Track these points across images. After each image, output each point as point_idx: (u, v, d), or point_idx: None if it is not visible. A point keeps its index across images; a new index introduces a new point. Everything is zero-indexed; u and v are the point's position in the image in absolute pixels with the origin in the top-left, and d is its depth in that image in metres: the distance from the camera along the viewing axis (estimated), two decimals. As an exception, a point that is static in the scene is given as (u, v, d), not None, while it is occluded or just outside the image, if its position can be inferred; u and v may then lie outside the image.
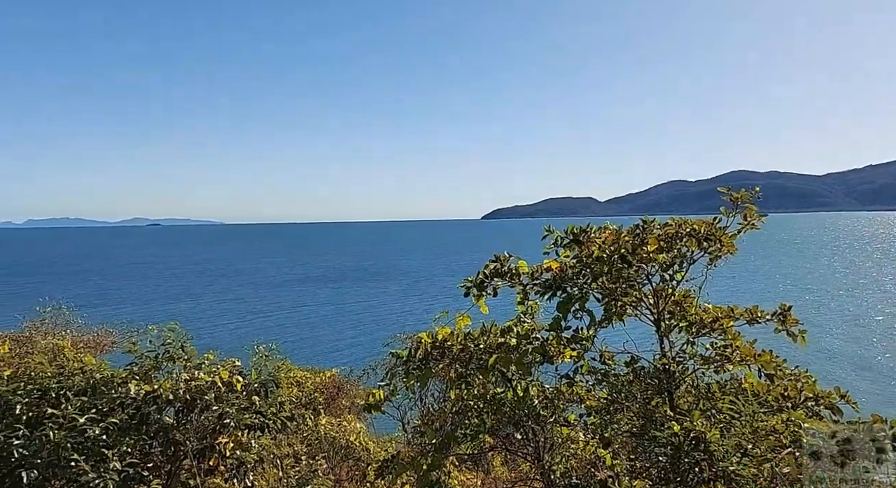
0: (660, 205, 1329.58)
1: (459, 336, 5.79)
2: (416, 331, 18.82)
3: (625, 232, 5.61)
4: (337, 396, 15.95)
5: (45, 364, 7.09)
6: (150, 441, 7.10)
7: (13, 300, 74.59)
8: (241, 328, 57.74)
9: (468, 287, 5.74)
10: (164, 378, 7.52)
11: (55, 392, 6.76)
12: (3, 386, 6.61)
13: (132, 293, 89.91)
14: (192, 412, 7.38)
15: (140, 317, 44.88)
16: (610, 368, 5.76)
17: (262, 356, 8.67)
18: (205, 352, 8.25)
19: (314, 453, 9.68)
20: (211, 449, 7.07)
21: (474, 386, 5.83)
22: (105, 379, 7.12)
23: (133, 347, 7.67)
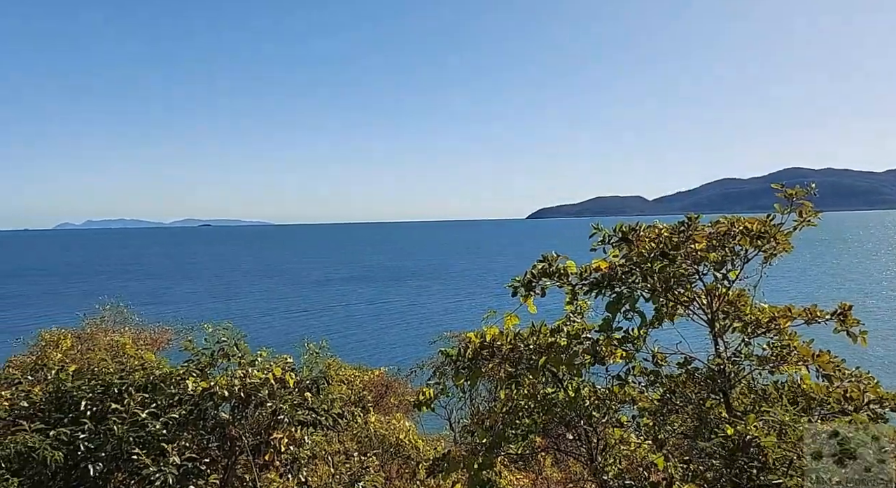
0: (710, 203, 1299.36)
1: (509, 336, 5.79)
2: (461, 331, 18.92)
3: (667, 229, 5.54)
4: (385, 394, 16.10)
5: (108, 360, 7.37)
6: (207, 436, 7.31)
7: (73, 298, 77.72)
8: (287, 326, 58.75)
9: (516, 286, 5.74)
10: (219, 375, 7.73)
11: (117, 387, 7.01)
12: (70, 382, 6.89)
13: (183, 291, 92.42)
14: (247, 408, 7.57)
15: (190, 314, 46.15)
16: (662, 369, 5.69)
17: (312, 353, 8.84)
18: (256, 349, 8.45)
19: (365, 450, 9.81)
20: (266, 445, 7.24)
21: (524, 386, 5.83)
22: (164, 375, 7.35)
23: (189, 345, 7.91)
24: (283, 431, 7.26)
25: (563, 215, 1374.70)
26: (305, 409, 7.65)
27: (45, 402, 6.80)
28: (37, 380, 7.13)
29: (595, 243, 5.60)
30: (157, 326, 16.12)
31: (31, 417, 6.60)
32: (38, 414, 6.71)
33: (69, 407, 6.70)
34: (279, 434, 7.24)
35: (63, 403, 6.73)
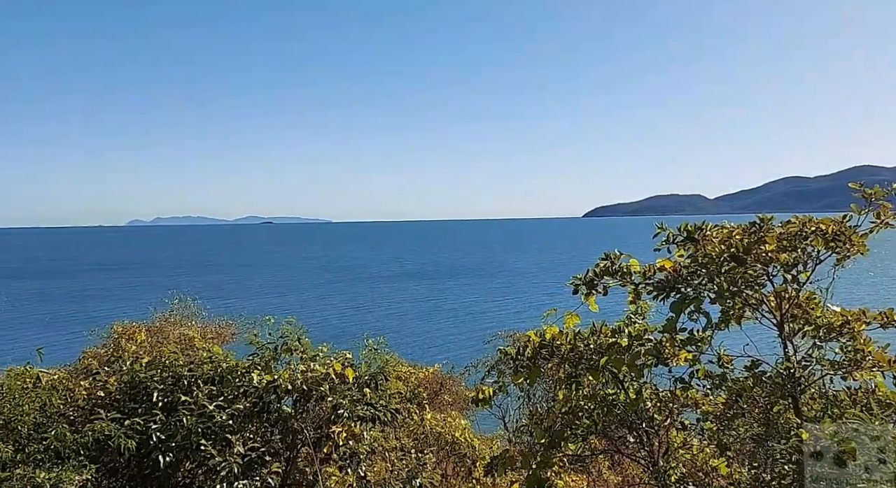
0: (774, 202, 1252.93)
1: (569, 335, 5.74)
2: (515, 330, 18.82)
3: (737, 230, 5.39)
4: (439, 392, 16.14)
5: (178, 353, 7.64)
6: (270, 428, 7.51)
7: (143, 291, 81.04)
8: (341, 321, 59.57)
9: (577, 285, 5.68)
10: (282, 368, 7.93)
11: (187, 379, 7.28)
12: (143, 373, 7.19)
13: (243, 286, 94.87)
14: (309, 402, 7.74)
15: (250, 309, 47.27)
16: (728, 372, 5.54)
17: (371, 349, 8.96)
18: (316, 344, 8.63)
19: (421, 447, 9.89)
20: (326, 438, 7.38)
21: (584, 387, 5.77)
22: (230, 368, 7.59)
23: (254, 339, 8.14)
24: (342, 426, 7.38)
25: (619, 214, 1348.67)
26: (364, 405, 7.77)
27: (121, 393, 7.12)
28: (112, 371, 7.46)
29: (659, 243, 5.49)
30: (221, 320, 16.59)
31: (108, 407, 6.92)
32: (114, 404, 7.04)
33: (142, 398, 6.99)
34: (339, 428, 7.38)
35: (137, 394, 7.03)
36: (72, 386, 6.97)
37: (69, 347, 22.22)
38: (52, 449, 5.84)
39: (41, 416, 6.14)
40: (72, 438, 5.95)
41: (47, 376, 6.77)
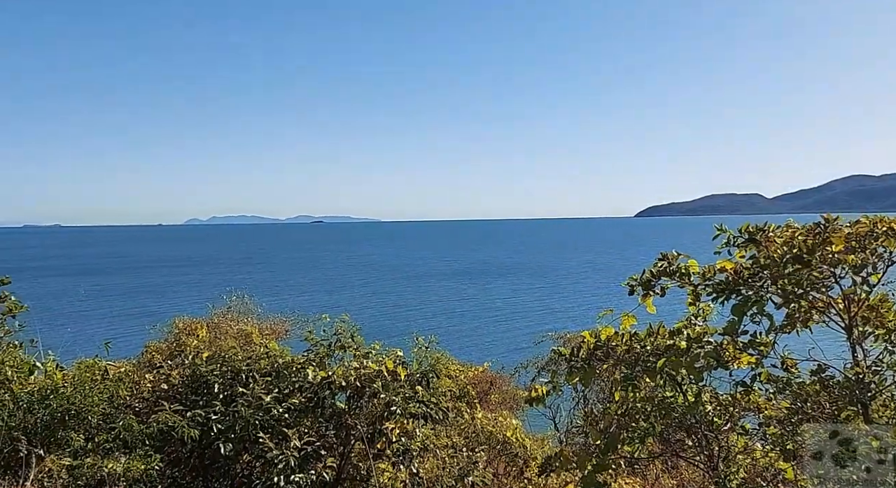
0: (837, 201, 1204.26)
1: (625, 336, 5.65)
2: (567, 330, 18.62)
3: (800, 230, 5.21)
4: (489, 391, 16.12)
5: (237, 348, 7.85)
6: (325, 423, 7.65)
7: (201, 287, 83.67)
8: (390, 319, 60.02)
9: (633, 285, 5.59)
10: (336, 365, 8.06)
11: (245, 374, 7.47)
12: (204, 367, 7.41)
13: (295, 283, 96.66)
14: (362, 398, 7.84)
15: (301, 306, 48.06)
16: (792, 376, 5.37)
17: (422, 348, 9.03)
18: (366, 342, 8.74)
19: (471, 446, 9.89)
20: (379, 434, 7.47)
21: (641, 389, 5.67)
22: (286, 363, 7.76)
23: (309, 336, 8.30)
24: (395, 422, 7.46)
25: (674, 213, 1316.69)
26: (416, 402, 7.83)
27: (183, 386, 7.35)
28: (175, 365, 7.71)
29: (719, 245, 5.36)
30: (276, 317, 16.92)
31: (171, 399, 7.15)
32: (176, 397, 7.27)
33: (203, 391, 7.20)
34: (391, 425, 7.45)
35: (198, 387, 7.25)
36: (137, 378, 7.23)
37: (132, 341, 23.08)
38: (120, 439, 6.07)
39: (109, 407, 6.39)
40: (138, 428, 6.17)
41: (114, 369, 7.04)
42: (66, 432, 5.95)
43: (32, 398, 6.01)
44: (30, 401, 6.00)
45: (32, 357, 6.83)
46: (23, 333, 7.02)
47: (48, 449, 5.86)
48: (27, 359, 6.69)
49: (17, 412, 5.94)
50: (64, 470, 5.45)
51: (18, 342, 6.88)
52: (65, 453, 5.78)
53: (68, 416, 5.95)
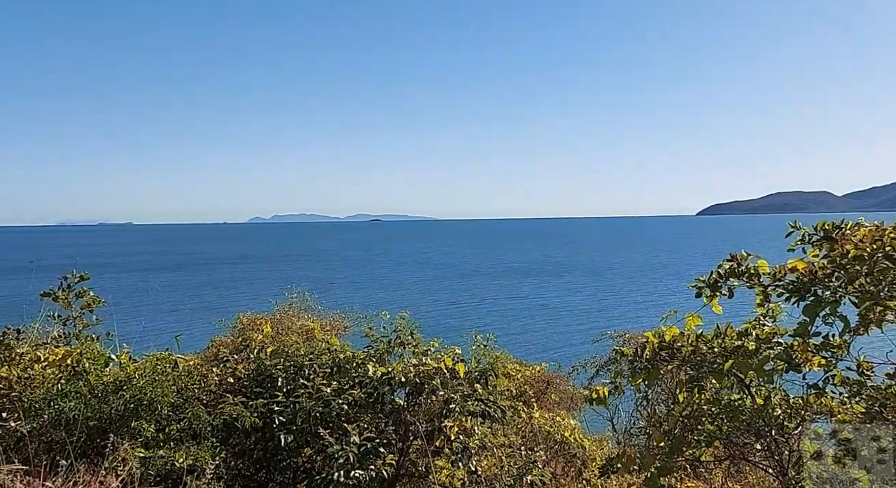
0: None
1: (690, 337, 5.52)
2: (626, 329, 18.27)
3: (890, 228, 4.97)
4: (546, 390, 15.99)
5: (300, 343, 8.02)
6: (384, 419, 7.72)
7: (263, 283, 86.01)
8: (446, 317, 60.23)
9: (700, 286, 5.45)
10: (395, 361, 8.14)
11: (307, 369, 7.61)
12: (268, 361, 7.60)
13: (351, 280, 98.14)
14: (420, 395, 7.89)
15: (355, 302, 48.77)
16: (867, 379, 5.13)
17: (481, 345, 9.03)
18: (427, 339, 8.79)
19: (529, 445, 9.84)
20: (438, 432, 7.50)
21: (707, 391, 5.53)
22: (347, 359, 7.87)
23: (369, 332, 8.41)
24: (454, 420, 7.47)
25: (737, 212, 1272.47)
26: (475, 400, 7.83)
27: (248, 379, 7.55)
28: (241, 359, 7.93)
29: (793, 243, 5.17)
30: (334, 313, 17.17)
31: (236, 392, 7.36)
32: (242, 390, 7.47)
33: (268, 384, 7.38)
34: (450, 422, 7.47)
35: (263, 380, 7.43)
36: (205, 371, 7.46)
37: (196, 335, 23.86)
38: (189, 430, 6.28)
39: (179, 399, 6.61)
40: (206, 419, 6.37)
41: (183, 362, 7.29)
42: (138, 422, 6.18)
43: (107, 389, 6.28)
44: (105, 392, 6.26)
45: (108, 349, 7.15)
46: (100, 327, 7.34)
47: (121, 438, 6.11)
48: (104, 351, 7.00)
49: (93, 401, 6.21)
50: (136, 458, 5.66)
51: (96, 335, 7.20)
52: (137, 442, 6.00)
53: (140, 407, 6.18)
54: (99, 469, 5.28)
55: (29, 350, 6.64)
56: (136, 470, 5.47)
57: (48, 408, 6.06)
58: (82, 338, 7.08)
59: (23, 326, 7.06)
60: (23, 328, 6.99)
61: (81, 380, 6.32)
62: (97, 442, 6.13)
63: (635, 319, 53.60)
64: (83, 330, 7.16)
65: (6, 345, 6.48)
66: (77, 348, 6.78)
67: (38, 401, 6.09)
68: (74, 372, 6.46)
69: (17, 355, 6.48)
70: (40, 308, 7.25)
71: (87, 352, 6.65)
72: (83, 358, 6.55)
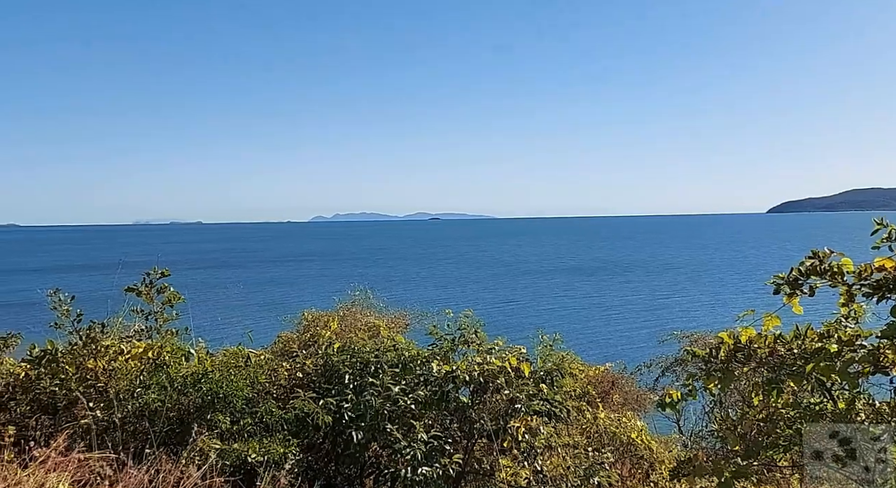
0: None
1: (768, 338, 5.33)
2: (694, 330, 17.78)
3: None
4: (610, 391, 15.74)
5: (366, 340, 8.14)
6: (449, 417, 7.76)
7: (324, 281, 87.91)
8: (505, 316, 59.90)
9: (778, 284, 5.25)
10: (459, 359, 8.17)
11: (374, 365, 7.72)
12: (336, 357, 7.75)
13: (409, 278, 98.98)
14: (485, 393, 7.89)
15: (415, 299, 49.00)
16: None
17: (547, 345, 8.98)
18: (493, 337, 8.78)
19: (595, 445, 9.71)
20: (503, 432, 7.48)
21: (786, 394, 5.33)
22: (412, 356, 7.95)
23: (433, 329, 8.47)
24: (520, 420, 7.45)
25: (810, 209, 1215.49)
26: (540, 400, 7.78)
27: (316, 374, 7.72)
28: (309, 354, 8.12)
29: (879, 240, 4.93)
30: (396, 311, 17.35)
31: (305, 387, 7.53)
32: (310, 385, 7.64)
33: (335, 380, 7.52)
34: (517, 422, 7.45)
35: (331, 376, 7.58)
36: (275, 366, 7.66)
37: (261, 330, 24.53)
38: (262, 423, 6.47)
39: (251, 393, 6.81)
40: (278, 413, 6.55)
41: (255, 356, 7.51)
42: (213, 414, 6.40)
43: (186, 382, 6.53)
44: (183, 385, 6.52)
45: (187, 343, 7.43)
46: (179, 321, 7.64)
47: (199, 429, 6.34)
48: (183, 345, 7.29)
49: (173, 394, 6.47)
50: (213, 450, 5.87)
51: (175, 329, 7.50)
52: (213, 434, 6.22)
53: (217, 400, 6.40)
54: (179, 458, 5.49)
55: (113, 343, 6.97)
56: (214, 460, 5.66)
57: (132, 399, 6.36)
58: (163, 332, 7.39)
59: (106, 320, 7.41)
60: (107, 322, 7.34)
61: (162, 373, 6.60)
62: (176, 432, 6.39)
63: (698, 319, 52.21)
64: (164, 324, 7.46)
65: (92, 338, 6.82)
66: (158, 342, 7.08)
67: (123, 392, 6.40)
68: (155, 365, 6.75)
69: (102, 348, 6.81)
70: (123, 302, 7.59)
71: (167, 345, 6.94)
72: (164, 351, 6.84)
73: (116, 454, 5.17)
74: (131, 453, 5.08)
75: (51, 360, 6.82)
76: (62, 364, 6.74)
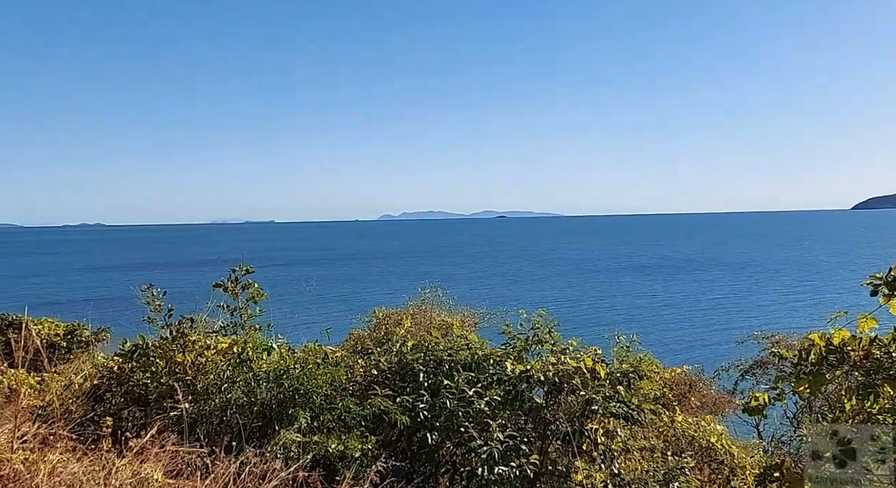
0: None
1: (863, 340, 5.06)
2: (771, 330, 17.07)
3: None
4: (687, 394, 15.32)
5: (440, 338, 8.19)
6: (524, 417, 7.72)
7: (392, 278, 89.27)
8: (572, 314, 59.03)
9: (876, 284, 4.98)
10: (533, 359, 8.11)
11: (447, 364, 7.76)
12: (410, 355, 7.82)
13: (477, 276, 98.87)
14: (560, 394, 7.82)
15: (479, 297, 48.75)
16: None
17: (623, 346, 8.82)
18: (567, 337, 8.68)
19: (672, 449, 9.47)
20: (580, 434, 7.39)
21: (883, 399, 5.05)
22: (485, 355, 7.94)
23: (507, 328, 8.44)
24: (597, 422, 7.33)
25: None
26: (617, 402, 7.64)
27: (391, 372, 7.81)
28: (383, 352, 8.23)
29: None
30: (465, 309, 17.37)
31: (380, 384, 7.64)
32: (385, 382, 7.74)
33: (410, 378, 7.60)
34: (593, 424, 7.34)
35: (405, 374, 7.66)
36: (351, 363, 7.80)
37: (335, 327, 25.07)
38: (340, 419, 6.59)
39: (330, 389, 6.96)
40: (356, 410, 6.67)
41: (332, 353, 7.67)
42: (294, 410, 6.57)
43: (269, 377, 6.73)
44: (266, 380, 6.72)
45: (270, 339, 7.67)
46: (261, 317, 7.88)
47: (280, 423, 6.52)
48: (266, 341, 7.52)
49: (256, 389, 6.68)
50: (295, 444, 6.02)
51: (258, 325, 7.74)
52: (292, 429, 6.38)
53: (297, 395, 6.57)
54: (264, 451, 5.67)
55: (199, 338, 7.26)
56: (295, 454, 5.82)
57: (218, 393, 6.60)
58: (247, 328, 7.64)
59: (193, 315, 7.71)
60: (193, 317, 7.63)
61: (246, 368, 6.82)
62: (259, 426, 6.60)
63: (776, 321, 50.09)
64: (248, 320, 7.71)
65: (182, 333, 7.12)
66: (242, 337, 7.33)
67: (210, 386, 6.65)
68: (240, 360, 6.99)
69: (190, 342, 7.10)
70: (208, 298, 7.88)
71: (251, 341, 7.17)
72: (248, 347, 7.07)
73: (204, 446, 5.38)
74: (220, 445, 5.27)
75: (142, 354, 7.17)
76: (153, 358, 7.07)
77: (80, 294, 79.73)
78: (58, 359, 12.34)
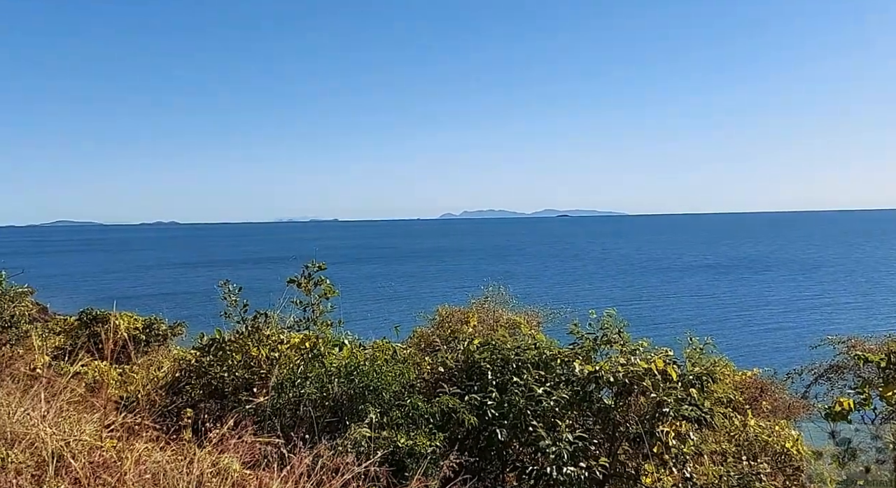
0: None
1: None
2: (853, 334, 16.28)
3: None
4: (759, 398, 14.83)
5: (507, 337, 8.16)
6: (592, 418, 7.61)
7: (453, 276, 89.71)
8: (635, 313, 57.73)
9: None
10: (602, 360, 7.98)
11: (514, 363, 7.73)
12: (477, 353, 7.83)
13: (535, 275, 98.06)
14: (629, 396, 7.66)
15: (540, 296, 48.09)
16: None
17: (696, 348, 8.59)
18: (637, 338, 8.50)
19: (745, 454, 9.19)
20: (650, 436, 7.23)
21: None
22: (553, 355, 7.87)
23: (575, 328, 8.34)
24: (669, 424, 7.17)
25: None
26: (689, 405, 7.45)
27: (458, 370, 7.84)
28: (450, 349, 8.26)
29: None
30: (528, 308, 17.24)
31: (447, 381, 7.67)
32: (452, 380, 7.78)
33: (477, 376, 7.60)
34: (665, 427, 7.17)
35: (472, 372, 7.67)
36: (419, 360, 7.87)
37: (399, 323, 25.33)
38: (409, 416, 6.66)
39: (399, 386, 7.04)
40: (424, 408, 6.72)
41: (401, 350, 7.75)
42: (364, 405, 6.68)
43: (340, 373, 6.86)
44: (338, 375, 6.85)
45: (341, 335, 7.81)
46: (332, 313, 8.03)
47: (350, 418, 6.64)
48: (336, 337, 7.66)
49: (329, 384, 6.81)
50: (365, 439, 6.12)
51: (329, 321, 7.89)
52: (362, 424, 6.49)
53: (367, 391, 6.67)
54: (336, 445, 5.78)
55: (274, 332, 7.45)
56: (366, 449, 5.91)
57: (292, 388, 6.77)
58: (319, 324, 7.80)
59: (267, 311, 7.92)
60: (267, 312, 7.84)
61: (318, 364, 6.97)
62: (330, 421, 6.73)
63: (849, 322, 47.81)
64: (320, 316, 7.86)
65: (257, 328, 7.33)
66: (314, 333, 7.49)
67: (284, 380, 6.83)
68: (312, 355, 7.15)
69: (265, 337, 7.31)
70: (281, 294, 8.07)
71: (323, 337, 7.32)
72: (319, 342, 7.22)
73: (279, 438, 5.53)
74: (295, 438, 5.40)
75: (218, 348, 7.42)
76: (229, 351, 7.30)
77: (155, 288, 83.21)
78: (138, 352, 12.91)
